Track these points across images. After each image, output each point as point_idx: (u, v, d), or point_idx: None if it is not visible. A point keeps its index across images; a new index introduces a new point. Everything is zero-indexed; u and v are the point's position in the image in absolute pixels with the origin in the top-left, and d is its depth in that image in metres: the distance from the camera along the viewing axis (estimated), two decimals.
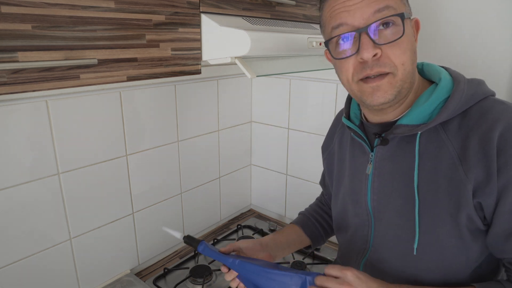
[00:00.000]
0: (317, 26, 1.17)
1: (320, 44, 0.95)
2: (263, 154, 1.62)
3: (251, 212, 1.69)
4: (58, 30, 0.58)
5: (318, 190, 1.28)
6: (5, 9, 0.52)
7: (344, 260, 0.84)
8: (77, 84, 0.62)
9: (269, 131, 1.55)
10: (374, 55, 0.60)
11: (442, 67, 0.71)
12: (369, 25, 0.59)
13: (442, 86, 0.64)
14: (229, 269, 0.76)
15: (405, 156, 0.67)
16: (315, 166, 1.44)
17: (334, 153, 0.88)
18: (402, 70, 0.61)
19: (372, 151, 0.72)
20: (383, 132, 0.70)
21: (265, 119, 1.56)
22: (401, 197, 0.67)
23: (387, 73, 0.61)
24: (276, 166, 1.58)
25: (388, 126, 0.70)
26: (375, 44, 0.59)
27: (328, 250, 1.35)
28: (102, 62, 0.64)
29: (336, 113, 1.30)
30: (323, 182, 1.02)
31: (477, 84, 0.65)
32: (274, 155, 1.57)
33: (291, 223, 0.97)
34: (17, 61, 0.54)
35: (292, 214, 1.57)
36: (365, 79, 0.62)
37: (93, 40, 0.62)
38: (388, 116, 0.69)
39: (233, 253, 0.80)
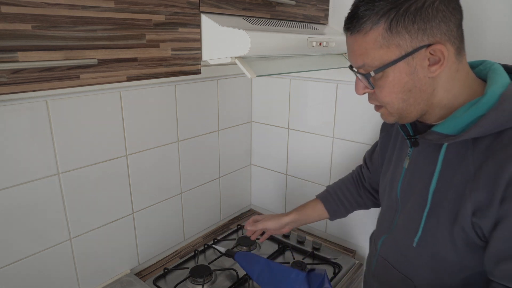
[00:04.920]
0: (317, 26, 1.17)
1: (320, 44, 0.95)
2: (263, 154, 1.62)
3: (251, 212, 1.69)
4: (58, 30, 0.58)
5: (318, 190, 1.28)
6: (5, 9, 0.52)
7: (376, 230, 0.94)
8: (77, 84, 0.62)
9: (269, 131, 1.55)
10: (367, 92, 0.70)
11: None
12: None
13: (483, 102, 0.62)
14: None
15: (429, 161, 0.71)
16: (315, 166, 1.44)
17: (391, 136, 0.91)
18: (390, 107, 0.68)
19: (412, 147, 0.77)
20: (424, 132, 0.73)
21: (265, 119, 1.56)
22: (418, 196, 0.73)
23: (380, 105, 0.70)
24: (276, 166, 1.58)
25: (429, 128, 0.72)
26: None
27: (328, 250, 1.35)
28: (102, 62, 0.64)
29: (336, 113, 1.32)
30: (370, 156, 1.05)
31: None
32: (274, 155, 1.57)
33: (316, 196, 1.10)
34: (17, 61, 0.54)
35: None
36: None
37: (93, 40, 0.62)
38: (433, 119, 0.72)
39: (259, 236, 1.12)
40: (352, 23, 0.64)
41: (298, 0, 1.04)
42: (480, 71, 0.70)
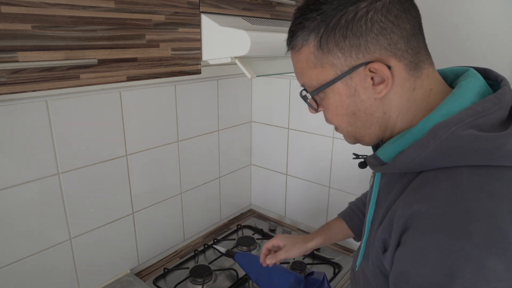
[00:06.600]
0: None
1: None
2: (263, 154, 1.62)
3: (251, 212, 1.69)
4: (58, 30, 0.58)
5: (317, 190, 1.28)
6: (5, 9, 0.52)
7: None
8: (77, 84, 0.62)
9: (269, 131, 1.55)
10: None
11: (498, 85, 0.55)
12: None
13: (413, 133, 0.52)
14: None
15: (374, 186, 0.64)
16: (315, 166, 1.44)
17: None
18: (340, 129, 0.61)
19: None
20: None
21: (265, 119, 1.56)
22: (365, 222, 0.67)
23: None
24: (276, 166, 1.58)
25: None
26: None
27: (328, 250, 1.35)
28: (102, 62, 0.64)
29: None
30: None
31: (465, 144, 0.46)
32: (274, 155, 1.57)
33: (338, 215, 0.98)
34: (17, 61, 0.54)
35: (292, 214, 1.57)
36: None
37: (93, 40, 0.62)
38: None
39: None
40: (288, 38, 0.58)
41: (298, 0, 1.04)
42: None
